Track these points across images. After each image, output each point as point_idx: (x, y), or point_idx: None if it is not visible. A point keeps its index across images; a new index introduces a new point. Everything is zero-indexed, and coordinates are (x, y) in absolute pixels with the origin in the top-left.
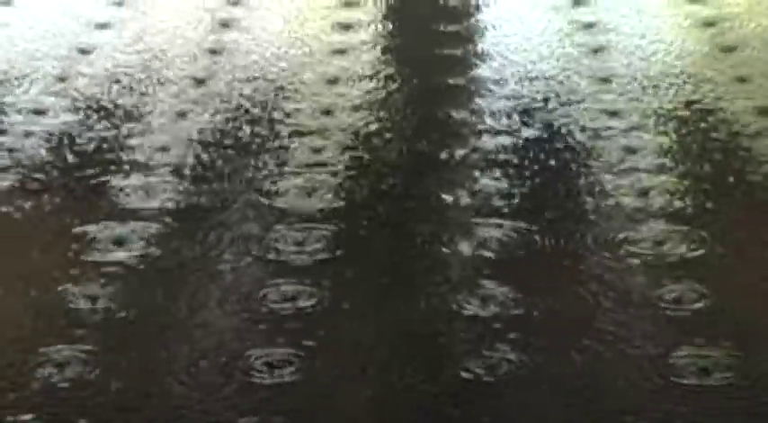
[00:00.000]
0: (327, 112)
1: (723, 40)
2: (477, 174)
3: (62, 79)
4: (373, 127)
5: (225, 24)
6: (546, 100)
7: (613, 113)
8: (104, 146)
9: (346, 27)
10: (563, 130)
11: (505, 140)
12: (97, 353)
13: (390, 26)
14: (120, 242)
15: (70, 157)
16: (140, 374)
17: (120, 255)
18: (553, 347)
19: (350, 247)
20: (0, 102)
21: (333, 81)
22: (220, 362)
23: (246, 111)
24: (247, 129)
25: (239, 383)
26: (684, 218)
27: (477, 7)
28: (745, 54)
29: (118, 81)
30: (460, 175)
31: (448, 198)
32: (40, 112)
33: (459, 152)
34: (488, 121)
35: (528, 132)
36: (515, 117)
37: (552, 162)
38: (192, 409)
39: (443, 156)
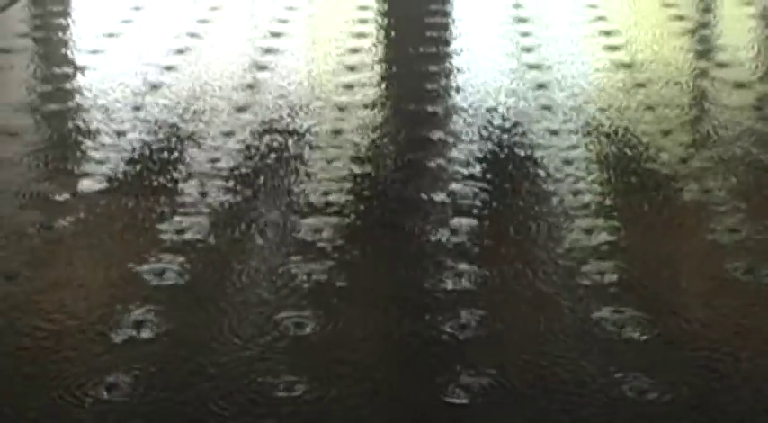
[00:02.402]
0: (338, 132)
1: (636, 78)
2: (451, 179)
3: (138, 108)
4: (373, 144)
5: (260, 67)
6: (502, 123)
7: (554, 133)
8: (170, 158)
9: (352, 69)
10: (516, 146)
11: (473, 153)
12: (166, 314)
13: (386, 68)
14: (182, 231)
15: (144, 167)
16: (200, 332)
17: (183, 240)
18: (508, 310)
19: (355, 234)
20: (92, 126)
21: (342, 109)
22: (258, 323)
23: (277, 131)
24: (277, 145)
25: (273, 339)
26: (607, 212)
27: (450, 53)
28: (653, 89)
29: (180, 109)
30: (439, 181)
31: (430, 197)
32: (121, 133)
33: (438, 162)
34: (460, 138)
35: (490, 147)
36: (481, 135)
37: (508, 169)
38: (237, 357)
39: (425, 165)
